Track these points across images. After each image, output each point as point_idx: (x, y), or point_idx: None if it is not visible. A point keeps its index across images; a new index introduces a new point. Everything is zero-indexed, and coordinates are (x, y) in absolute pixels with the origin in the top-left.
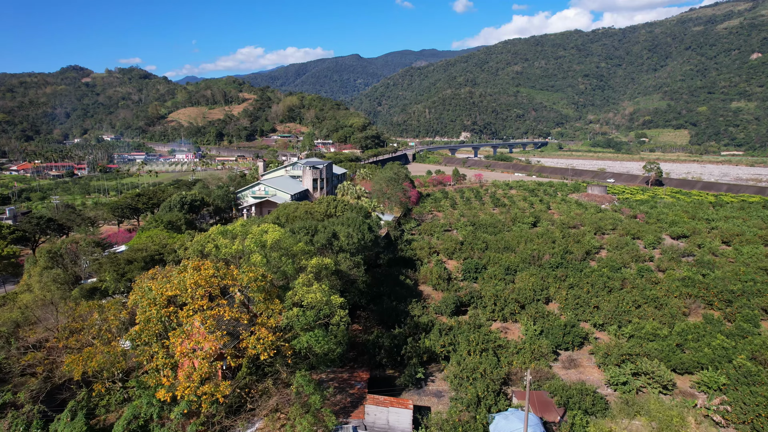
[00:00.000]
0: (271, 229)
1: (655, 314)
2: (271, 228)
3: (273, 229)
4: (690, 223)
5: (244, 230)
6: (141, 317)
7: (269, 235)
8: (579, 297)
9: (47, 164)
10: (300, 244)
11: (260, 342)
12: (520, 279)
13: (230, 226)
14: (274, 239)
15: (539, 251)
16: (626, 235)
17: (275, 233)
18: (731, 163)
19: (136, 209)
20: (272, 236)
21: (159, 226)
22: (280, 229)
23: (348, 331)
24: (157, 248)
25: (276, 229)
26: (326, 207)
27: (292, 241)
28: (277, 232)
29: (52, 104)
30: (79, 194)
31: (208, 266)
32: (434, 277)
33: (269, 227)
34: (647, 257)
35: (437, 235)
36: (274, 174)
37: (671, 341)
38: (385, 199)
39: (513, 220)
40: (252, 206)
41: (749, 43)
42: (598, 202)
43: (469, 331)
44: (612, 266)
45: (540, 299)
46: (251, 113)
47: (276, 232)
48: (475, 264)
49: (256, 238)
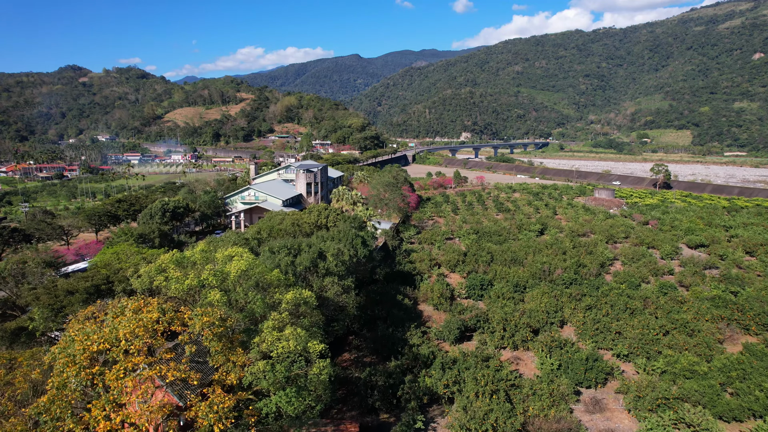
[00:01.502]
0: (237, 257)
1: (688, 343)
2: (239, 254)
3: (240, 257)
4: (707, 230)
5: (205, 257)
6: (54, 382)
7: (234, 264)
8: (598, 321)
9: (37, 166)
10: (275, 272)
11: (214, 409)
12: (530, 298)
13: (188, 252)
14: (239, 270)
15: (550, 264)
16: (640, 244)
17: (241, 262)
18: (735, 164)
19: (116, 216)
20: (237, 266)
21: (129, 240)
22: (249, 255)
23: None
24: (107, 274)
25: (244, 256)
26: (317, 217)
27: (265, 269)
28: (243, 261)
29: (47, 104)
30: (64, 198)
31: (152, 308)
32: (435, 296)
33: (238, 252)
34: (666, 270)
35: (438, 245)
36: (266, 178)
37: (713, 379)
38: (382, 205)
39: (519, 228)
40: (241, 213)
41: (751, 43)
42: (606, 206)
43: (477, 366)
44: (630, 282)
45: (554, 322)
46: (249, 113)
47: (242, 261)
48: (480, 280)
49: (218, 268)
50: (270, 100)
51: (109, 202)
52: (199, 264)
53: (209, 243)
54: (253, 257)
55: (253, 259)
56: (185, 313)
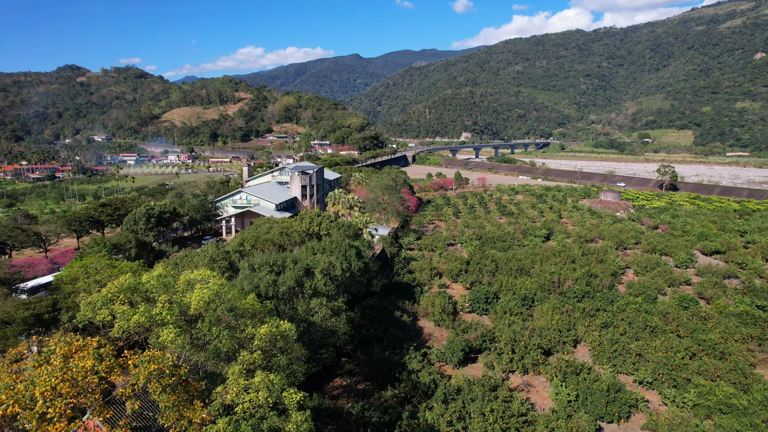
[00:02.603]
0: (200, 286)
1: (719, 368)
2: (205, 278)
3: (204, 284)
4: (721, 235)
5: (165, 283)
6: None
7: (196, 294)
8: (616, 341)
9: (29, 166)
10: (250, 298)
11: None
12: (540, 313)
13: (145, 277)
14: (202, 300)
15: (559, 275)
16: (652, 251)
17: (205, 291)
18: (739, 164)
19: (99, 222)
20: (200, 296)
21: (101, 251)
22: (217, 279)
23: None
24: (55, 299)
25: (211, 282)
26: (308, 225)
27: (238, 294)
28: (207, 290)
29: (44, 104)
30: (52, 200)
31: (86, 353)
32: (437, 311)
33: (205, 275)
34: (683, 280)
35: (439, 252)
36: (259, 180)
37: (754, 416)
38: (381, 209)
39: (524, 233)
40: (232, 217)
41: (753, 43)
42: (612, 209)
43: (484, 397)
44: (647, 295)
45: (567, 341)
46: (247, 113)
47: (206, 290)
48: (485, 292)
49: (177, 298)
50: (268, 99)
51: (92, 206)
52: (155, 293)
53: (171, 265)
54: (222, 282)
55: (223, 284)
56: (130, 359)
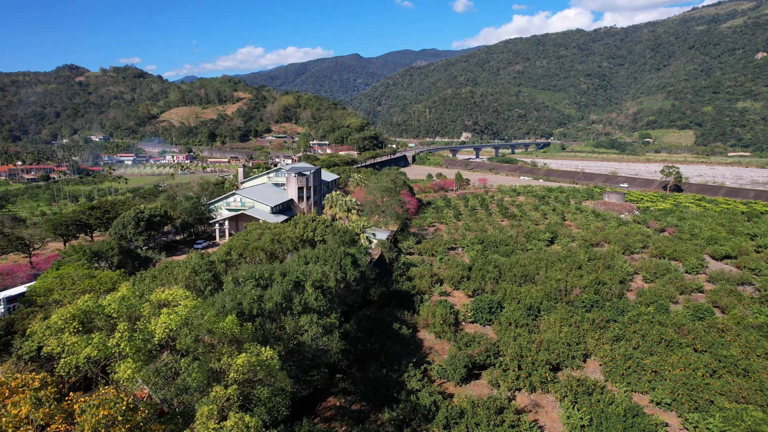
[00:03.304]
0: (166, 311)
1: (743, 388)
2: (176, 299)
3: (172, 311)
4: (731, 239)
5: (129, 306)
6: None
7: (162, 320)
8: (630, 356)
9: (24, 167)
10: (228, 320)
11: None
12: (546, 324)
13: (108, 299)
14: (167, 328)
15: (566, 282)
16: (661, 255)
17: (172, 318)
18: (741, 164)
19: (87, 225)
20: (166, 323)
21: (81, 259)
22: (189, 301)
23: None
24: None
25: (181, 305)
26: (302, 230)
27: (215, 316)
28: (174, 316)
29: (41, 103)
30: (44, 201)
31: (22, 397)
32: (438, 322)
33: (176, 296)
34: (695, 287)
35: (440, 256)
36: (255, 182)
37: None
38: (379, 212)
39: (527, 237)
40: (225, 221)
41: (754, 42)
42: (617, 211)
43: (489, 421)
44: (659, 304)
45: (576, 356)
46: (245, 113)
47: (173, 315)
48: (488, 301)
49: (141, 324)
50: (267, 99)
51: (80, 209)
52: (117, 317)
53: (148, 278)
54: (195, 303)
55: (196, 306)
56: (76, 403)
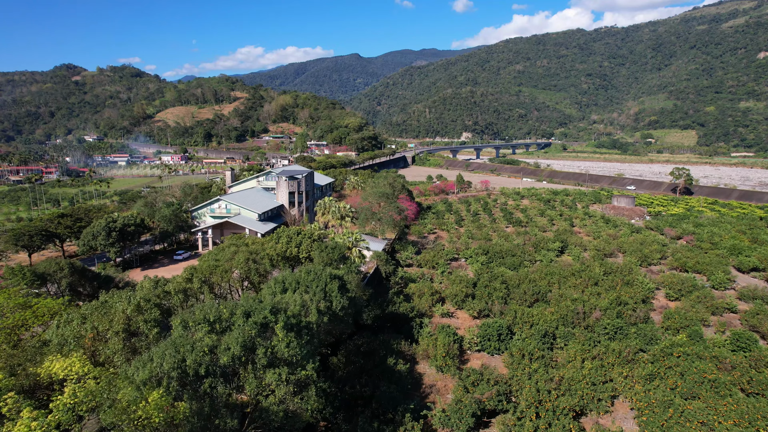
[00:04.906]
0: (27, 414)
1: None
2: (69, 377)
3: (70, 389)
4: (757, 249)
5: None
6: None
7: (22, 425)
8: (669, 402)
9: (13, 168)
10: (155, 396)
11: None
12: (565, 357)
13: None
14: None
15: (583, 302)
16: (682, 268)
17: (33, 426)
18: (746, 165)
19: (55, 235)
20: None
21: (20, 283)
22: (90, 383)
23: None
24: None
25: (66, 394)
26: (285, 246)
27: (136, 393)
28: (59, 413)
29: (36, 103)
30: (24, 206)
31: None
32: (440, 354)
33: (69, 369)
34: (726, 306)
35: (441, 269)
36: (243, 185)
37: None
38: (375, 219)
39: (535, 246)
40: (209, 229)
41: (756, 42)
42: (627, 216)
43: None
44: (691, 330)
45: (602, 398)
46: (242, 113)
47: (40, 419)
48: (497, 327)
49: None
50: (265, 99)
51: (47, 216)
52: None
53: (64, 324)
54: (93, 387)
55: (101, 388)
56: None
